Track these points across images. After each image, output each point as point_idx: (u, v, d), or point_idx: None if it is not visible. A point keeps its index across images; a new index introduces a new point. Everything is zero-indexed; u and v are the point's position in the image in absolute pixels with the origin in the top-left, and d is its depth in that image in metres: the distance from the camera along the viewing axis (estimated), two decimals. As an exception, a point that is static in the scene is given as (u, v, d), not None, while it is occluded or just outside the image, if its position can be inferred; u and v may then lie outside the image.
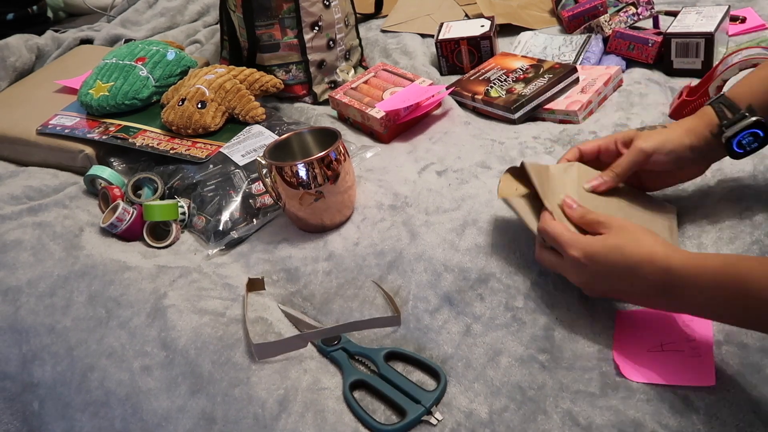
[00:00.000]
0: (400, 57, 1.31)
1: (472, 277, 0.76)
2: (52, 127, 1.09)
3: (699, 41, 1.06)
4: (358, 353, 0.72)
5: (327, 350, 0.73)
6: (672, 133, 0.73)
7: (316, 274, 0.82)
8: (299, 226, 0.90)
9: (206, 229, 0.92)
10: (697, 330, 0.65)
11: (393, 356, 0.72)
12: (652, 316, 0.68)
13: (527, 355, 0.69)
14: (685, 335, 0.65)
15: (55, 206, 0.97)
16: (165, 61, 1.14)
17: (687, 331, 0.65)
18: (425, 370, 0.70)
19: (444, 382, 0.68)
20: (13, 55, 1.33)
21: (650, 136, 0.73)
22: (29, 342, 0.79)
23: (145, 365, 0.74)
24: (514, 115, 1.05)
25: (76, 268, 0.85)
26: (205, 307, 0.79)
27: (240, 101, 1.06)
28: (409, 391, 0.67)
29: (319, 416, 0.66)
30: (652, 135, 0.73)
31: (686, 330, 0.65)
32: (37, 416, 0.75)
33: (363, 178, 0.97)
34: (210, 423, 0.68)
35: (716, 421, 0.59)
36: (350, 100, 1.10)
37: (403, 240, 0.83)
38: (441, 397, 0.67)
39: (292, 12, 1.15)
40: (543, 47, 1.24)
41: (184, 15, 1.60)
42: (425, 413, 0.65)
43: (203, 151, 1.01)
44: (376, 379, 0.69)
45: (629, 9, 1.21)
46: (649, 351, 0.65)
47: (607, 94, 1.07)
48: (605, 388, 0.64)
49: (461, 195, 0.88)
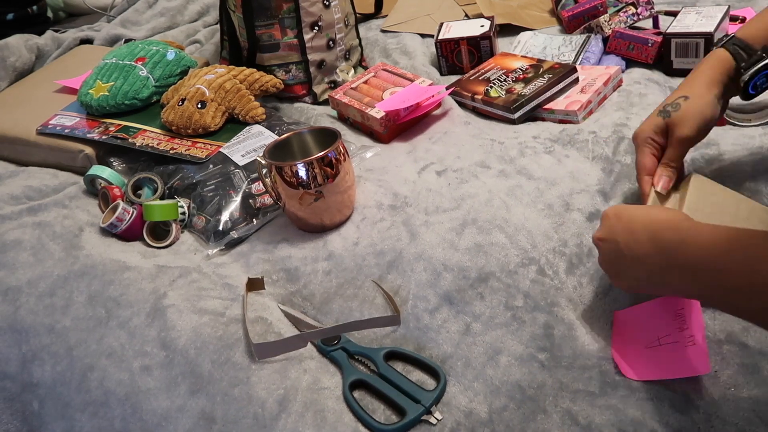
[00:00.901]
0: (400, 57, 1.32)
1: (472, 276, 0.76)
2: (52, 127, 1.09)
3: (699, 41, 1.06)
4: (358, 353, 0.72)
5: (327, 350, 0.73)
6: (700, 101, 0.71)
7: (315, 274, 0.82)
8: (299, 226, 0.90)
9: (206, 229, 0.92)
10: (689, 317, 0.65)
11: (393, 356, 0.72)
12: (647, 313, 0.68)
13: (527, 354, 0.69)
14: (679, 326, 0.65)
15: (55, 206, 0.97)
16: (165, 61, 1.14)
17: (680, 321, 0.65)
18: (425, 369, 0.70)
19: (444, 382, 0.68)
20: (13, 55, 1.33)
21: (684, 120, 0.71)
22: (29, 342, 0.79)
23: (144, 365, 0.74)
24: (513, 115, 1.05)
25: (75, 268, 0.85)
26: (204, 307, 0.79)
27: (240, 101, 1.06)
28: (408, 391, 0.67)
29: (319, 416, 0.66)
30: (685, 116, 0.71)
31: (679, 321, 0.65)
32: (37, 416, 0.75)
33: (363, 178, 0.97)
34: (210, 423, 0.68)
35: (716, 419, 0.59)
36: (350, 100, 1.10)
37: (403, 240, 0.83)
38: (441, 397, 0.67)
39: (292, 12, 1.15)
40: (542, 47, 1.24)
41: (184, 15, 1.60)
42: (425, 413, 0.65)
43: (203, 151, 1.01)
44: (375, 378, 0.69)
45: (629, 9, 1.21)
46: (646, 347, 0.65)
47: (607, 94, 1.07)
48: (605, 387, 0.64)
49: (461, 194, 0.88)
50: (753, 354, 0.62)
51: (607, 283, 0.73)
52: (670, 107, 0.73)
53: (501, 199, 0.86)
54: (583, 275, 0.75)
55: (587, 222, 0.81)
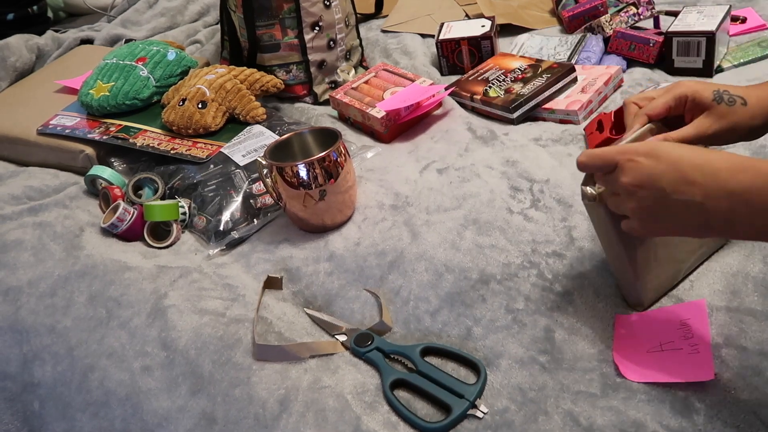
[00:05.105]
0: (400, 57, 1.31)
1: (473, 278, 0.76)
2: (52, 127, 1.09)
3: (700, 40, 1.06)
4: (394, 352, 0.71)
5: (361, 352, 0.72)
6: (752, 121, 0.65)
7: (317, 275, 0.82)
8: (300, 226, 0.90)
9: (207, 229, 0.92)
10: (695, 328, 0.65)
11: (429, 351, 0.71)
12: (650, 318, 0.68)
13: (528, 356, 0.68)
14: (683, 334, 0.65)
15: (56, 206, 0.97)
16: (165, 61, 1.14)
17: (685, 330, 0.65)
18: (464, 363, 0.69)
19: (484, 374, 0.67)
20: (13, 55, 1.33)
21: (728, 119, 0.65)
22: (30, 342, 0.79)
23: (145, 365, 0.74)
24: (512, 115, 1.04)
25: (76, 268, 0.85)
26: (205, 307, 0.79)
27: (240, 101, 1.06)
28: (450, 386, 0.66)
29: (320, 415, 0.66)
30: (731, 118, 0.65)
31: (684, 329, 0.65)
32: (38, 416, 0.75)
33: (364, 177, 0.97)
34: (210, 423, 0.68)
35: (717, 421, 0.59)
36: (351, 100, 1.10)
37: (404, 240, 0.83)
38: (483, 390, 0.66)
39: (293, 12, 1.14)
40: (539, 48, 1.24)
41: (184, 15, 1.60)
42: (470, 407, 0.64)
43: (204, 151, 1.01)
44: (415, 376, 0.68)
45: (630, 9, 1.21)
46: (648, 352, 0.65)
47: (608, 94, 1.07)
48: (606, 389, 0.64)
49: (462, 194, 0.88)
50: (752, 356, 0.62)
51: (607, 286, 0.73)
52: (727, 96, 0.65)
53: (502, 200, 0.86)
54: (584, 278, 0.75)
55: (589, 223, 0.81)
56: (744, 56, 1.10)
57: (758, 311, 0.65)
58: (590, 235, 0.79)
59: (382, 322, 0.74)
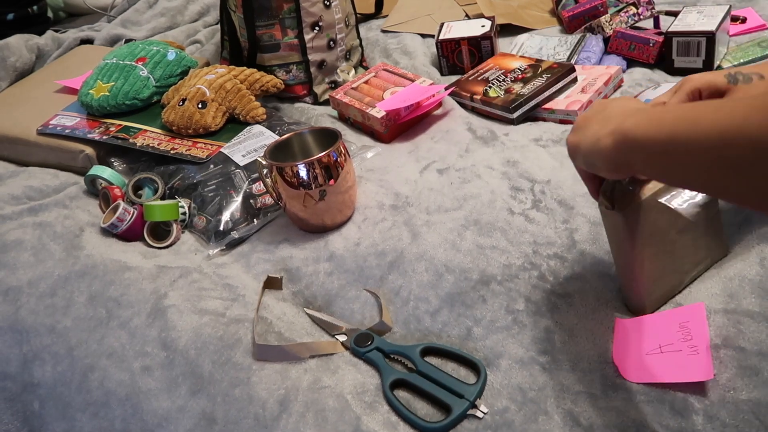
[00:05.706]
0: (400, 57, 1.31)
1: (474, 278, 0.76)
2: (52, 127, 1.09)
3: (700, 40, 1.06)
4: (394, 352, 0.71)
5: (361, 352, 0.72)
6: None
7: (317, 275, 0.82)
8: (300, 226, 0.90)
9: (207, 229, 0.92)
10: (694, 330, 0.65)
11: (429, 352, 0.71)
12: (649, 322, 0.68)
13: (528, 357, 0.69)
14: (682, 336, 0.65)
15: (56, 206, 0.97)
16: (165, 62, 1.14)
17: (684, 332, 0.65)
18: (464, 363, 0.69)
19: (484, 374, 0.67)
20: (13, 55, 1.33)
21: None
22: (30, 342, 0.79)
23: (145, 365, 0.74)
24: (512, 115, 1.04)
25: (76, 269, 0.85)
26: (205, 308, 0.79)
27: (240, 101, 1.06)
28: (450, 386, 0.66)
29: (320, 416, 0.66)
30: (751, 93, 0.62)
31: (683, 332, 0.65)
32: (38, 416, 0.75)
33: (364, 178, 0.97)
34: (210, 423, 0.68)
35: (716, 422, 0.59)
36: (351, 100, 1.10)
37: (404, 240, 0.83)
38: (483, 390, 0.66)
39: (293, 12, 1.14)
40: (539, 48, 1.24)
41: (184, 15, 1.60)
42: (470, 407, 0.64)
43: (204, 151, 1.01)
44: (415, 376, 0.68)
45: (630, 9, 1.21)
46: (647, 354, 0.65)
47: (608, 94, 1.07)
48: (606, 389, 0.64)
49: (463, 194, 0.88)
50: (750, 357, 0.62)
51: (608, 290, 0.73)
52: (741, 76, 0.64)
53: (503, 200, 0.86)
54: (585, 281, 0.75)
55: (591, 225, 0.81)
56: (744, 56, 1.10)
57: (756, 313, 0.65)
58: (591, 238, 0.79)
59: (382, 322, 0.75)
